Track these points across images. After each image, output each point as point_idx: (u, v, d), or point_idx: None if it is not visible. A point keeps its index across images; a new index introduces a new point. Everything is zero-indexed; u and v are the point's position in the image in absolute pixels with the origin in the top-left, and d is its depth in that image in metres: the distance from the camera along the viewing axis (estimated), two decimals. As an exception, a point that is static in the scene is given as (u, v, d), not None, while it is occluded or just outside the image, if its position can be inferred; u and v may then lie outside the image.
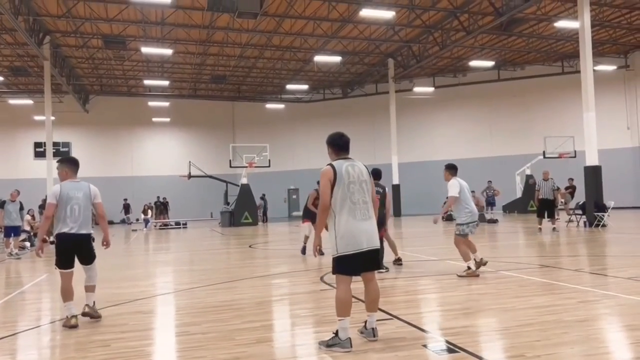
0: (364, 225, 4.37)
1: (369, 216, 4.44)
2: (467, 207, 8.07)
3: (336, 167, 4.47)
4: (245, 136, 36.80)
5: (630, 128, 30.03)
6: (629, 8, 23.18)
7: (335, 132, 4.84)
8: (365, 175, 4.55)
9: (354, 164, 4.58)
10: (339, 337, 4.31)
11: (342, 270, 4.40)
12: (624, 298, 6.01)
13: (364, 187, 4.48)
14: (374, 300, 4.56)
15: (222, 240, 18.83)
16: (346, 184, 4.40)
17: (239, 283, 8.32)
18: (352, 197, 4.39)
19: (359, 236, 4.33)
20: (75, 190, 5.74)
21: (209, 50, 27.58)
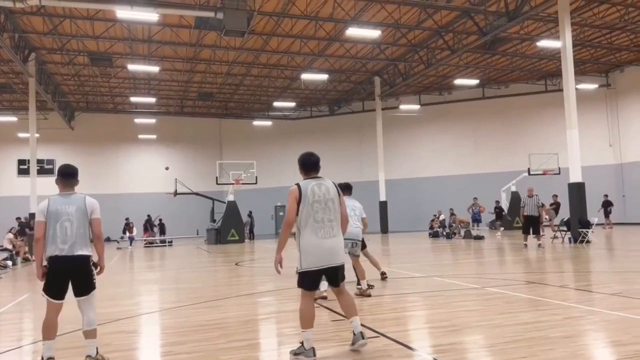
0: (326, 243, 4.55)
1: (333, 234, 4.59)
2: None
3: (302, 187, 4.65)
4: (232, 153, 36.76)
5: (612, 145, 30.53)
6: (609, 28, 23.74)
7: (305, 152, 5.00)
8: (332, 194, 4.68)
9: (321, 182, 4.73)
10: (304, 347, 4.54)
11: (305, 285, 4.62)
12: (608, 314, 6.06)
13: (329, 206, 4.62)
14: (349, 304, 4.75)
15: (208, 258, 18.67)
16: (310, 202, 4.57)
17: (224, 301, 8.24)
18: (316, 215, 4.56)
19: (320, 254, 4.53)
20: (67, 205, 4.66)
21: (196, 68, 27.64)
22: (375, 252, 16.20)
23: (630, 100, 29.89)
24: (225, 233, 26.61)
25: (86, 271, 4.66)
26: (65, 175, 4.85)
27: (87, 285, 4.64)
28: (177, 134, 37.09)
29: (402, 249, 19.20)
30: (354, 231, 8.08)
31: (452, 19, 22.31)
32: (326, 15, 21.11)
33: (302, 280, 4.65)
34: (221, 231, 26.73)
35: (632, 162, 29.45)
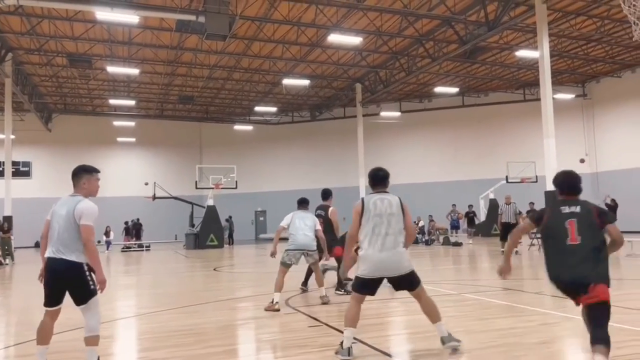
0: (382, 255, 4.75)
1: (391, 247, 4.77)
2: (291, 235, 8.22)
3: (365, 201, 4.96)
4: (212, 157, 36.51)
5: (588, 154, 31.12)
6: (585, 40, 24.25)
7: (374, 167, 5.25)
8: (394, 208, 4.88)
9: (384, 197, 4.95)
10: (341, 346, 4.81)
11: (356, 288, 4.91)
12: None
13: (390, 220, 4.82)
14: (429, 311, 4.93)
15: (187, 263, 18.49)
16: (371, 216, 4.83)
17: (202, 307, 8.16)
18: (375, 228, 4.80)
19: (376, 264, 4.75)
20: (62, 206, 4.46)
21: (176, 71, 27.44)
22: (354, 258, 16.24)
23: (605, 110, 30.54)
24: (204, 238, 26.39)
25: (77, 279, 4.33)
26: (74, 174, 4.62)
27: (81, 294, 4.35)
28: (156, 138, 36.72)
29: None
30: (304, 241, 8.15)
31: (433, 28, 22.55)
32: (308, 21, 21.16)
33: (355, 283, 4.92)
34: (200, 236, 26.51)
35: (607, 172, 30.05)
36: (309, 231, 8.19)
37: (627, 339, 5.24)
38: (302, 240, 8.17)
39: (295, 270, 8.62)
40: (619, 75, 29.48)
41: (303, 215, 8.41)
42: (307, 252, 8.21)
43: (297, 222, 8.26)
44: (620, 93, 29.50)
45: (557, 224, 3.96)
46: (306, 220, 8.31)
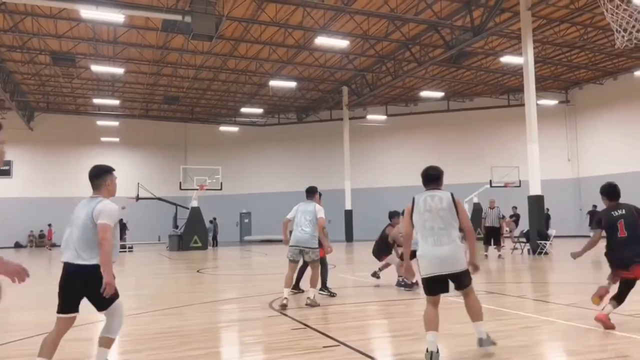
0: (436, 251, 4.75)
1: (444, 242, 4.76)
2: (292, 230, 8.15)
3: (415, 199, 5.03)
4: (197, 158, 36.28)
5: (571, 160, 31.53)
6: (569, 47, 24.60)
7: (427, 166, 5.27)
8: (445, 203, 4.89)
9: (435, 194, 4.98)
10: (427, 350, 4.68)
11: (425, 291, 4.91)
12: (563, 324, 6.21)
13: (441, 215, 4.83)
14: (474, 309, 4.93)
15: (170, 265, 18.33)
16: (422, 212, 4.88)
17: (185, 309, 8.09)
18: (426, 223, 4.83)
19: (431, 261, 4.75)
20: (81, 209, 4.29)
21: (162, 71, 27.25)
22: (339, 260, 16.24)
23: (588, 116, 30.98)
24: (187, 239, 26.19)
25: (95, 285, 4.06)
26: (93, 175, 4.47)
27: (101, 299, 4.13)
28: (141, 138, 36.40)
29: (367, 257, 19.27)
30: (301, 237, 7.93)
31: (419, 32, 22.71)
32: (295, 23, 21.17)
33: (423, 286, 4.93)
34: (184, 237, 26.31)
35: (589, 177, 30.45)
36: (307, 226, 7.90)
37: (606, 342, 5.30)
38: (298, 236, 7.96)
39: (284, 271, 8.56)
40: (601, 82, 29.93)
41: (304, 208, 8.10)
42: (304, 248, 7.94)
43: (298, 216, 8.06)
44: (602, 100, 29.95)
45: (611, 224, 5.86)
46: (306, 214, 8.01)
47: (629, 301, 8.01)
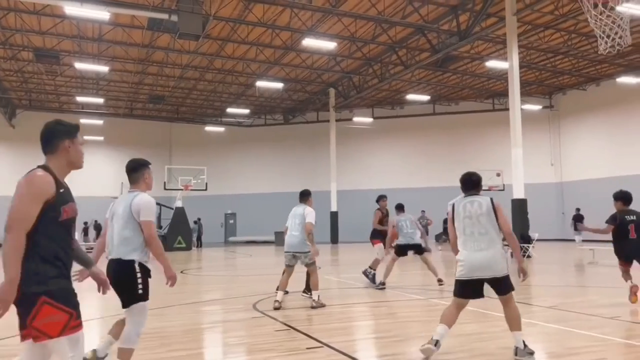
0: (476, 255, 4.85)
1: (484, 247, 4.85)
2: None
3: (455, 205, 5.15)
4: (182, 158, 36.03)
5: (554, 164, 31.90)
6: (553, 53, 24.88)
7: (467, 171, 5.43)
8: (484, 208, 4.97)
9: (474, 199, 5.08)
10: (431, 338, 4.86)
11: (456, 292, 5.02)
12: (545, 326, 6.26)
13: (481, 220, 4.93)
14: (511, 319, 4.93)
15: (152, 265, 18.12)
16: (462, 218, 5.00)
17: (167, 310, 8.01)
18: (466, 229, 4.95)
19: (471, 265, 4.83)
20: (119, 204, 4.31)
21: (147, 70, 27.02)
22: (324, 262, 16.22)
23: (571, 122, 31.37)
24: (171, 240, 25.98)
25: (125, 279, 4.09)
26: (130, 169, 4.45)
27: (127, 296, 4.11)
28: (125, 137, 36.03)
29: (351, 259, 19.31)
30: (291, 241, 7.94)
31: (406, 35, 22.81)
32: (283, 24, 21.13)
33: (455, 287, 5.04)
34: (168, 238, 26.08)
35: (571, 181, 30.85)
36: (296, 231, 7.89)
37: (590, 344, 5.35)
38: (289, 241, 7.99)
39: (274, 273, 8.54)
40: (584, 88, 30.33)
41: (295, 211, 8.09)
42: (296, 253, 7.92)
43: (289, 221, 8.10)
44: (585, 105, 30.35)
45: (624, 227, 7.26)
46: (296, 218, 7.97)
47: (608, 304, 8.12)
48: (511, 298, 4.98)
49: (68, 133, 3.13)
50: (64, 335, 2.71)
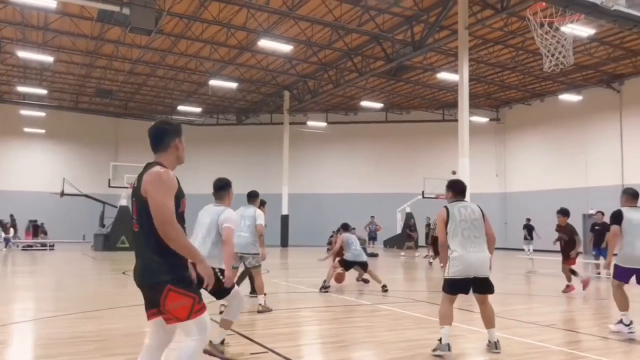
0: (473, 256, 5.26)
1: (480, 249, 5.32)
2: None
3: (449, 209, 5.46)
4: (129, 155, 34.89)
5: (499, 175, 33.03)
6: (501, 67, 25.78)
7: (453, 178, 6.00)
8: (476, 214, 5.46)
9: (467, 205, 5.54)
10: (440, 342, 5.19)
11: (448, 290, 5.37)
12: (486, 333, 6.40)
13: (475, 225, 5.39)
14: (488, 317, 5.43)
15: (94, 265, 17.52)
16: (457, 221, 5.34)
17: (108, 312, 7.71)
18: (464, 232, 5.31)
19: (467, 265, 5.22)
20: (205, 215, 5.48)
21: (95, 63, 26.09)
22: (273, 265, 16.10)
23: (515, 135, 32.60)
24: (114, 239, 25.12)
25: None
26: (213, 187, 5.76)
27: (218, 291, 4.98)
28: (69, 131, 34.61)
29: (300, 263, 19.27)
30: (238, 242, 7.58)
31: (362, 43, 23.05)
32: (239, 24, 20.91)
33: (446, 285, 5.38)
34: (110, 237, 25.22)
35: (514, 192, 32.03)
36: (245, 231, 7.74)
37: (528, 351, 5.52)
38: (236, 241, 7.74)
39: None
40: (529, 103, 31.59)
41: (244, 212, 7.93)
42: (242, 254, 7.73)
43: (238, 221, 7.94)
44: (529, 120, 31.62)
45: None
46: (246, 219, 7.85)
47: (545, 312, 8.43)
48: (488, 299, 5.45)
49: (177, 132, 3.38)
50: (191, 319, 3.08)
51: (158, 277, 3.06)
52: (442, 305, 5.40)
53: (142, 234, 3.11)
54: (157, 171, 3.11)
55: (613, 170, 26.17)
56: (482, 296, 5.43)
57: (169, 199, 3.04)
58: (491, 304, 5.48)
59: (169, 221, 2.97)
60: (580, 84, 27.30)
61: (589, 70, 25.42)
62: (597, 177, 26.89)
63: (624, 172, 25.88)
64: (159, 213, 2.97)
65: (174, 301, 3.05)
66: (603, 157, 26.77)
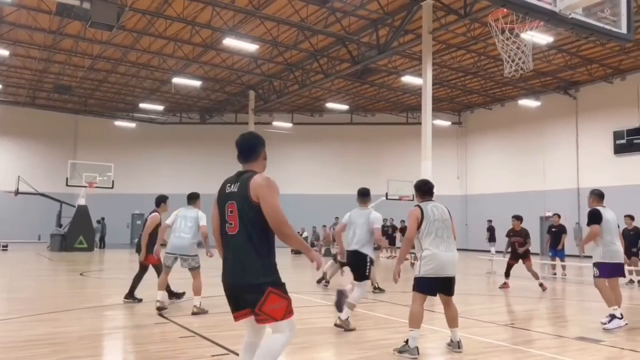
0: (445, 255, 5.30)
1: (451, 249, 5.39)
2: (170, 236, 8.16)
3: (422, 208, 5.48)
4: (87, 153, 33.95)
5: (460, 178, 33.68)
6: (464, 72, 26.30)
7: (421, 179, 5.98)
8: (446, 214, 5.55)
9: (437, 205, 5.59)
10: (408, 345, 5.19)
11: (420, 289, 5.37)
12: (446, 332, 6.50)
13: (446, 224, 5.47)
14: (453, 317, 5.46)
15: (50, 266, 16.97)
16: (432, 221, 5.39)
17: (63, 314, 7.47)
18: (437, 231, 5.36)
19: (440, 264, 5.25)
20: (358, 215, 7.31)
21: (54, 57, 25.28)
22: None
23: (476, 139, 33.32)
24: (72, 240, 24.41)
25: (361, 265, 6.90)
26: (362, 194, 7.68)
27: (361, 274, 6.88)
28: (25, 127, 33.42)
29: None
30: (178, 243, 7.74)
31: (328, 45, 23.11)
32: (204, 22, 20.64)
33: (418, 284, 5.38)
34: (67, 237, 24.49)
35: (475, 195, 32.72)
36: (187, 233, 7.74)
37: (487, 350, 5.63)
38: (175, 242, 7.78)
39: (182, 277, 8.22)
40: (490, 108, 32.33)
41: (185, 213, 7.95)
42: (181, 256, 7.76)
43: (177, 222, 7.90)
44: (490, 124, 32.38)
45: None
46: (187, 220, 7.84)
47: (504, 312, 8.62)
48: (452, 299, 5.50)
49: (264, 143, 3.65)
50: (285, 320, 3.29)
51: (260, 279, 3.25)
52: (413, 306, 5.37)
53: (243, 236, 3.30)
54: (266, 177, 3.40)
55: (569, 174, 27.07)
56: (448, 297, 5.47)
57: (279, 202, 3.35)
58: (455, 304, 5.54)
59: (285, 221, 3.28)
60: (539, 89, 28.11)
61: (547, 77, 26.22)
62: (554, 180, 27.74)
63: (579, 176, 26.79)
64: (276, 215, 3.25)
65: (274, 303, 3.26)
66: (559, 161, 27.65)
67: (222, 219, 3.43)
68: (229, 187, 3.46)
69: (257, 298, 3.23)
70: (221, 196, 3.49)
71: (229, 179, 3.55)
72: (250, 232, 3.28)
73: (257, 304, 3.23)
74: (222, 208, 3.44)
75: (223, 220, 3.42)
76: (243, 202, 3.32)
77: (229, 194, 3.42)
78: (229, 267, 3.36)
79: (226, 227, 3.39)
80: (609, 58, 23.79)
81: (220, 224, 3.48)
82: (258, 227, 3.29)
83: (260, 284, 3.24)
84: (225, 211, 3.40)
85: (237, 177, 3.47)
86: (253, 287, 3.25)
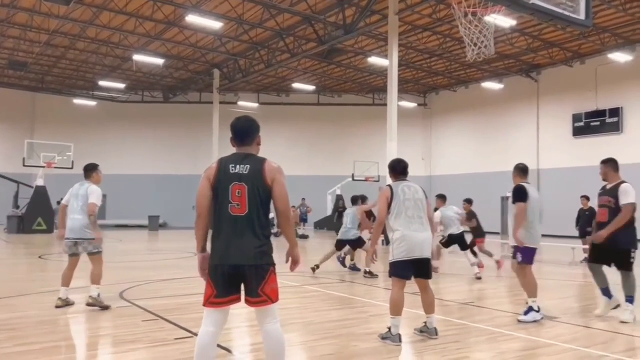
0: (417, 236, 5.10)
1: (423, 229, 5.17)
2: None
3: (393, 187, 5.30)
4: (46, 132, 32.87)
5: (424, 159, 34.15)
6: (429, 54, 26.46)
7: (395, 158, 5.72)
8: (420, 194, 5.32)
9: (410, 184, 5.37)
10: (390, 332, 5.05)
11: (397, 273, 5.15)
12: (409, 312, 6.65)
13: (418, 204, 5.24)
14: (430, 303, 5.28)
15: (6, 249, 16.49)
16: (402, 200, 5.18)
17: (20, 299, 7.29)
18: (407, 211, 5.15)
19: (412, 245, 5.06)
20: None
21: (7, 32, 24.18)
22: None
23: (441, 120, 33.76)
24: (30, 221, 23.72)
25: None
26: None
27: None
28: (-22, 105, 32.09)
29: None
30: (71, 225, 6.67)
31: (294, 23, 22.84)
32: (166, -2, 20.07)
33: (394, 269, 5.16)
34: (25, 219, 23.78)
35: (439, 175, 33.26)
36: (79, 214, 6.65)
37: (447, 329, 5.78)
38: (69, 225, 6.70)
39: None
40: (454, 90, 32.73)
41: (77, 191, 6.84)
42: (77, 240, 6.67)
43: (71, 201, 6.81)
44: (454, 106, 32.82)
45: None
46: (78, 198, 6.73)
47: (463, 290, 8.87)
48: (429, 283, 5.32)
49: (259, 129, 3.69)
50: (276, 302, 3.46)
51: (266, 259, 3.40)
52: (393, 292, 5.12)
53: (251, 218, 3.36)
54: (276, 164, 3.53)
55: (529, 155, 27.75)
56: (424, 281, 5.24)
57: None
58: (432, 289, 5.35)
59: (289, 206, 3.51)
60: (501, 72, 28.57)
61: (510, 60, 26.65)
62: (515, 161, 27.01)
63: (539, 157, 27.53)
64: (287, 199, 3.41)
65: (274, 282, 3.41)
66: (521, 143, 28.31)
67: (223, 199, 3.38)
68: (234, 168, 3.42)
69: (262, 277, 3.35)
70: (224, 175, 3.40)
71: (229, 159, 3.49)
72: (259, 214, 3.38)
73: (260, 284, 3.35)
74: (225, 188, 3.39)
75: (226, 200, 3.37)
76: (257, 184, 3.38)
77: (236, 175, 3.40)
78: (230, 248, 3.35)
79: (229, 207, 3.36)
80: (569, 42, 24.34)
81: (218, 204, 3.41)
82: (265, 210, 3.42)
83: (263, 265, 3.38)
84: (229, 192, 3.38)
85: (242, 159, 3.47)
86: (257, 267, 3.36)
